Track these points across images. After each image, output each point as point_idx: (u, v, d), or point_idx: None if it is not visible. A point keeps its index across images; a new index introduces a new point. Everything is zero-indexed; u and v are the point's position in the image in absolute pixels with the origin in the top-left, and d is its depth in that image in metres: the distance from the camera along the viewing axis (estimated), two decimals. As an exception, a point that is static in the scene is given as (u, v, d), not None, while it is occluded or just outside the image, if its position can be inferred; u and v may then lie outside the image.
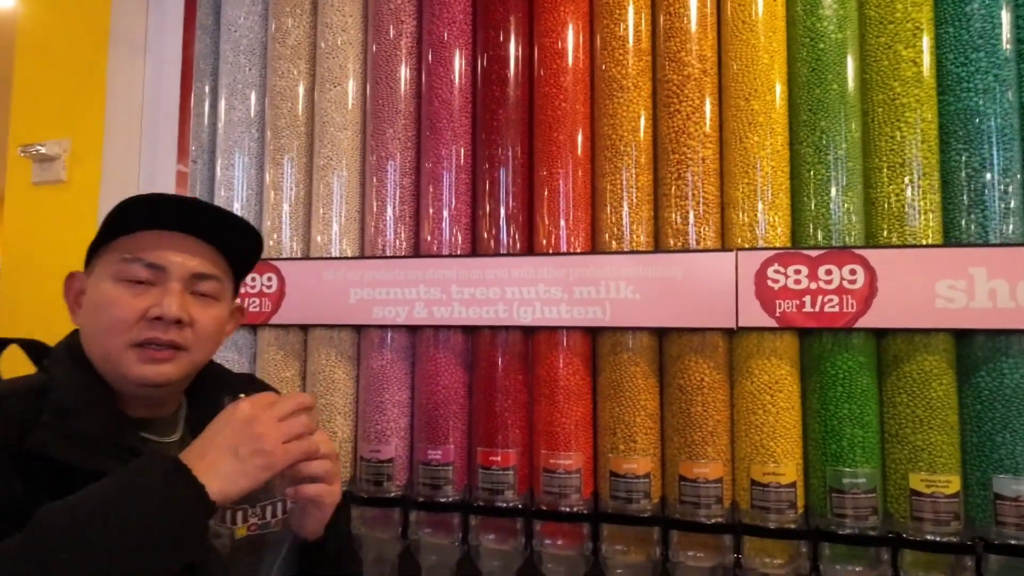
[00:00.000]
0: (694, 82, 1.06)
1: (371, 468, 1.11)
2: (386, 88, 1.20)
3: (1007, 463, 0.91)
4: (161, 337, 0.67)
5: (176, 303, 0.68)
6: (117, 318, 0.67)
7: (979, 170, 0.96)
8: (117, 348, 0.67)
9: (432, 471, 1.09)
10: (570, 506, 1.04)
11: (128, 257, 0.68)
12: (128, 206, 0.69)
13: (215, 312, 0.73)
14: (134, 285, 0.68)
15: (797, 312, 0.97)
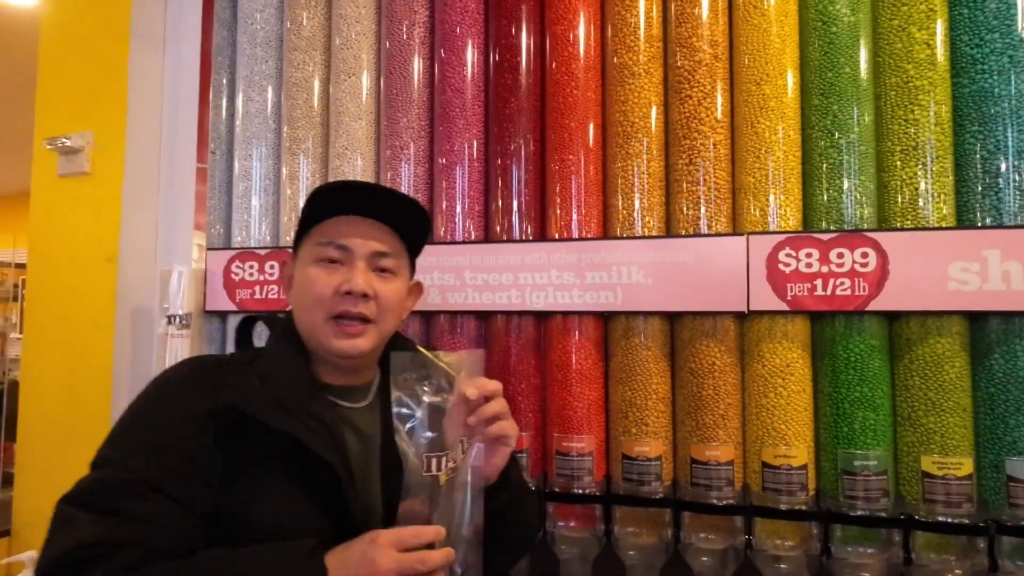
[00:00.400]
0: (705, 68, 1.06)
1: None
2: (400, 79, 1.22)
3: (1020, 445, 0.91)
4: (352, 310, 0.77)
5: (361, 278, 0.77)
6: (316, 293, 0.77)
7: (993, 153, 0.95)
8: (318, 321, 0.77)
9: (447, 454, 1.11)
10: (583, 488, 1.06)
11: (322, 241, 0.79)
12: (317, 195, 0.81)
13: (395, 286, 0.81)
14: (328, 265, 0.78)
15: (808, 296, 0.97)
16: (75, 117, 1.40)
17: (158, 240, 1.40)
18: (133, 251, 1.37)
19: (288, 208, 1.26)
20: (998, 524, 0.90)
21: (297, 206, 1.26)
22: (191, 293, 1.27)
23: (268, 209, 1.30)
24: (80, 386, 1.36)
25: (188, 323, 1.26)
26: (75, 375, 1.37)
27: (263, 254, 1.24)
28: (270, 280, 1.22)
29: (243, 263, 1.25)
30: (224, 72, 1.37)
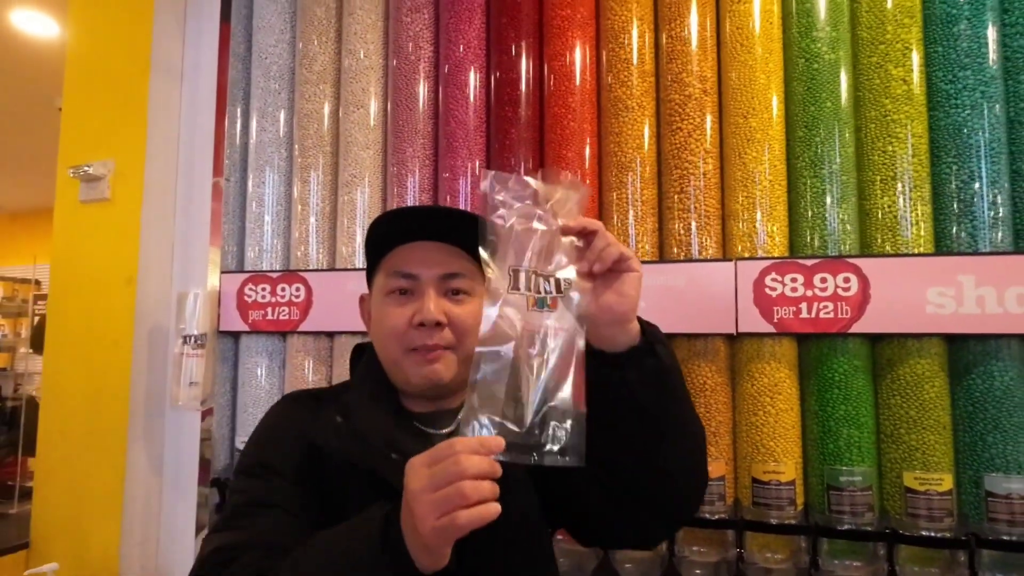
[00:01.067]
0: (695, 101, 1.12)
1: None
2: (405, 110, 1.29)
3: (998, 462, 0.95)
4: (428, 343, 0.74)
5: (432, 306, 0.74)
6: (391, 328, 0.76)
7: (968, 182, 1.01)
8: (397, 354, 0.76)
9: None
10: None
11: (390, 273, 0.78)
12: (376, 228, 0.79)
13: (470, 307, 0.77)
14: (399, 296, 0.76)
15: (794, 318, 1.02)
16: (97, 146, 1.47)
17: (175, 263, 1.46)
18: (151, 273, 1.43)
19: (298, 234, 1.32)
20: (978, 538, 0.94)
21: (307, 231, 1.32)
22: (206, 314, 1.33)
23: (279, 234, 1.36)
24: (99, 402, 1.42)
25: (203, 343, 1.32)
26: (94, 392, 1.43)
27: (274, 277, 1.30)
28: (280, 302, 1.28)
29: (255, 286, 1.31)
30: (239, 103, 1.44)
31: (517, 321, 0.58)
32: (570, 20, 1.20)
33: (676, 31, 1.14)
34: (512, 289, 0.58)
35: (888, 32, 1.05)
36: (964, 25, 1.02)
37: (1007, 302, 0.95)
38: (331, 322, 1.25)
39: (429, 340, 0.74)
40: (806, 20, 1.09)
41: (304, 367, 1.28)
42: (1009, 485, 0.94)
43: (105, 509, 1.39)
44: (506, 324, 0.58)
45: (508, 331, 0.57)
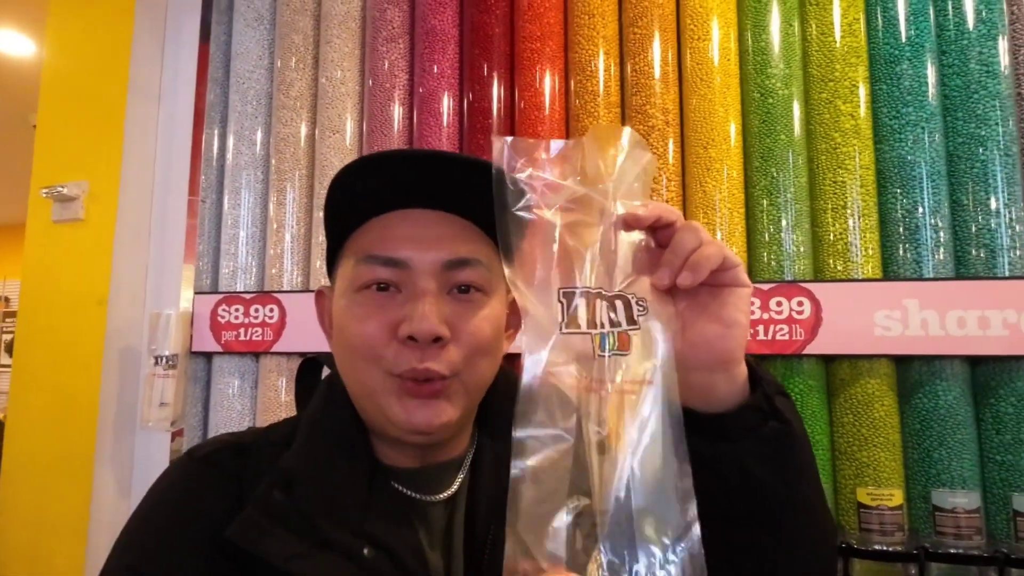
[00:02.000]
0: (658, 132, 1.17)
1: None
2: (380, 135, 1.32)
3: (944, 477, 1.00)
4: (418, 367, 0.48)
5: (431, 312, 0.48)
6: (362, 341, 0.49)
7: (912, 211, 1.07)
8: (371, 380, 0.50)
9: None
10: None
11: (362, 256, 0.51)
12: (344, 183, 0.51)
13: (486, 312, 0.51)
14: (376, 293, 0.50)
15: (752, 340, 1.06)
16: (72, 166, 1.48)
17: (148, 284, 1.46)
18: (123, 294, 1.43)
19: (273, 255, 1.34)
20: (927, 551, 0.98)
21: (283, 251, 1.34)
22: (178, 335, 1.33)
23: (254, 254, 1.37)
24: (66, 425, 1.40)
25: (175, 363, 1.32)
26: (62, 414, 1.41)
27: (248, 298, 1.31)
28: (254, 323, 1.29)
29: (229, 306, 1.31)
30: (216, 126, 1.46)
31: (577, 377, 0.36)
32: (540, 53, 1.25)
33: (640, 64, 1.20)
34: (568, 327, 0.36)
35: (837, 70, 1.12)
36: (906, 65, 1.09)
37: (948, 325, 1.00)
38: (304, 343, 1.27)
39: (420, 363, 0.48)
40: (761, 57, 1.15)
41: (277, 387, 1.29)
42: (955, 499, 0.99)
43: (70, 533, 1.37)
44: (562, 384, 0.36)
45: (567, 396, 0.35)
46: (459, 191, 0.50)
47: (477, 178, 0.46)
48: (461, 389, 0.50)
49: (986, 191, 1.04)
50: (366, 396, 0.51)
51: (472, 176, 0.48)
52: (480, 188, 0.44)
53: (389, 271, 0.50)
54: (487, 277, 0.52)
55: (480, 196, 0.45)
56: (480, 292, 0.51)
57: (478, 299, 0.51)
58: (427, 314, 0.48)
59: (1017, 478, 0.97)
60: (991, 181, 1.04)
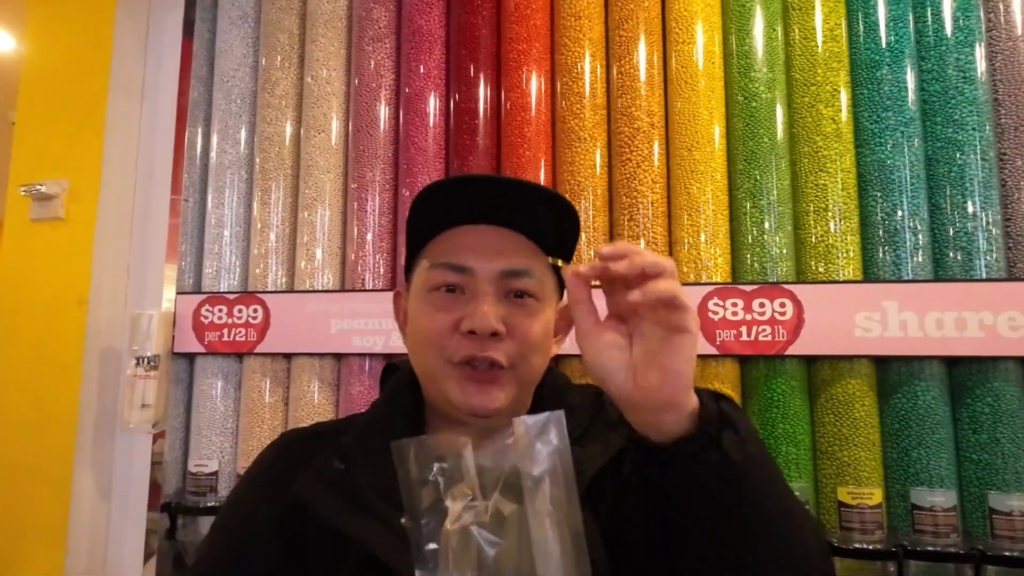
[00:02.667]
0: (643, 134, 1.18)
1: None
2: (366, 136, 1.31)
3: (922, 476, 1.01)
4: (477, 355, 0.57)
5: (490, 311, 0.57)
6: (430, 332, 0.59)
7: (892, 214, 1.08)
8: (436, 367, 0.59)
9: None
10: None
11: (435, 263, 0.60)
12: (423, 200, 0.61)
13: (539, 317, 0.60)
14: (444, 294, 0.59)
15: (735, 341, 1.08)
16: (52, 163, 1.45)
17: (129, 284, 1.44)
18: (104, 294, 1.41)
19: (258, 251, 1.33)
20: (905, 548, 0.99)
21: (267, 250, 1.33)
22: (160, 335, 1.32)
23: (238, 253, 1.36)
24: (46, 426, 1.38)
25: (156, 364, 1.31)
26: (41, 416, 1.39)
27: (232, 298, 1.30)
28: (237, 323, 1.28)
29: (212, 307, 1.30)
30: (199, 124, 1.44)
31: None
32: (526, 54, 1.25)
33: (626, 67, 1.20)
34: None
35: (819, 75, 1.13)
36: (886, 70, 1.11)
37: (927, 326, 1.02)
38: (289, 344, 1.26)
39: (480, 352, 0.57)
40: (745, 61, 1.16)
41: (261, 388, 1.28)
42: (932, 498, 1.00)
43: (49, 536, 1.34)
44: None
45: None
46: (523, 213, 0.60)
47: (541, 205, 0.59)
48: (514, 379, 0.59)
49: (963, 195, 1.06)
50: (431, 380, 0.61)
51: (532, 198, 0.59)
52: (532, 208, 0.59)
53: (456, 276, 0.60)
54: (540, 287, 0.61)
55: (533, 215, 0.59)
56: (533, 299, 0.60)
57: (531, 304, 0.60)
58: (486, 313, 0.57)
59: (992, 476, 0.99)
60: (968, 185, 1.06)
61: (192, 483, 1.26)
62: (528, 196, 0.60)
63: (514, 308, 0.59)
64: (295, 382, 1.27)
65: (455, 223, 0.62)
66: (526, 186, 0.60)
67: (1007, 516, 0.97)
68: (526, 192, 0.60)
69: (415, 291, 0.63)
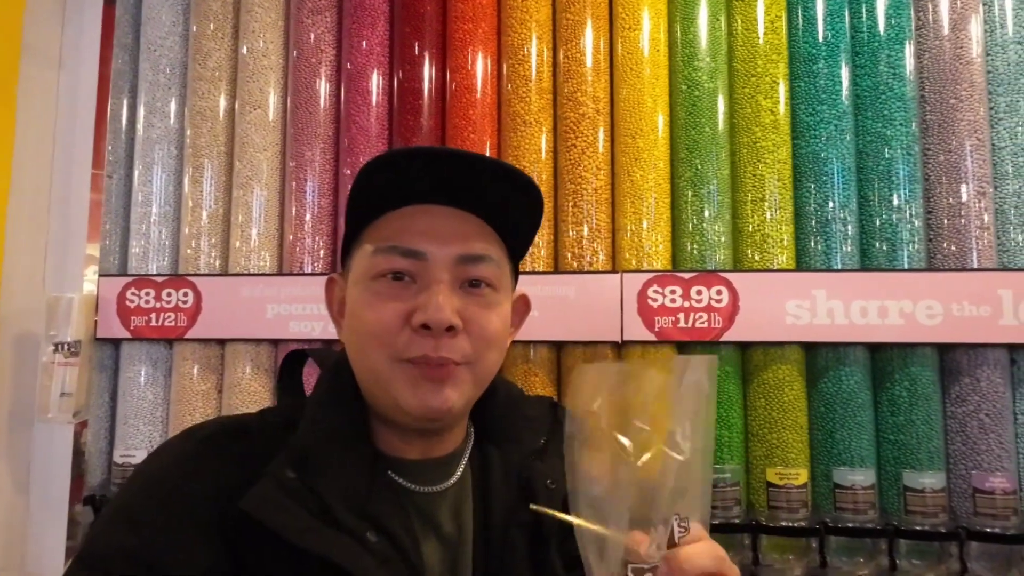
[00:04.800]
0: (588, 120, 1.18)
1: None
2: (305, 113, 1.26)
3: (845, 457, 1.06)
4: (432, 355, 0.51)
5: (446, 303, 0.51)
6: (375, 326, 0.52)
7: (823, 206, 1.12)
8: (382, 365, 0.53)
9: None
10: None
11: (382, 247, 0.53)
12: (367, 175, 0.54)
13: (497, 309, 0.55)
14: (392, 282, 0.53)
15: (673, 327, 1.09)
16: (-44, 134, 1.34)
17: (47, 265, 1.35)
18: (18, 277, 1.32)
19: (188, 235, 1.27)
20: (827, 526, 1.04)
21: (199, 231, 1.27)
22: (81, 320, 1.24)
23: (168, 234, 1.29)
24: (-48, 417, 1.29)
25: (77, 351, 1.23)
26: (-53, 406, 1.29)
27: (160, 281, 1.23)
28: (167, 308, 1.22)
29: (139, 290, 1.23)
30: (124, 96, 1.35)
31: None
32: (472, 34, 1.22)
33: (572, 51, 1.19)
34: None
35: (759, 66, 1.15)
36: (822, 64, 1.14)
37: (852, 314, 1.06)
38: (222, 329, 1.21)
39: (434, 353, 0.51)
40: (689, 50, 1.17)
41: (192, 375, 1.23)
42: (853, 477, 1.05)
43: (-41, 534, 1.26)
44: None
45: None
46: (477, 191, 0.54)
47: (496, 182, 0.53)
48: (469, 378, 0.54)
49: (890, 188, 1.10)
50: (376, 382, 0.54)
51: (492, 179, 0.54)
52: (497, 190, 0.53)
53: (406, 262, 0.53)
54: (497, 274, 0.56)
55: (496, 197, 0.53)
56: (490, 288, 0.55)
57: (488, 294, 0.55)
58: (442, 305, 0.51)
59: (907, 456, 1.05)
60: (894, 179, 1.10)
61: (118, 474, 1.20)
62: (488, 173, 0.54)
63: (470, 299, 0.54)
64: (229, 369, 1.22)
65: (403, 202, 0.54)
66: (486, 162, 0.55)
67: (919, 493, 1.03)
68: (486, 169, 0.54)
69: (356, 278, 0.56)
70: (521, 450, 0.60)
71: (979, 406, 1.04)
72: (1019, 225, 1.07)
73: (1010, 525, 1.01)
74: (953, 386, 1.07)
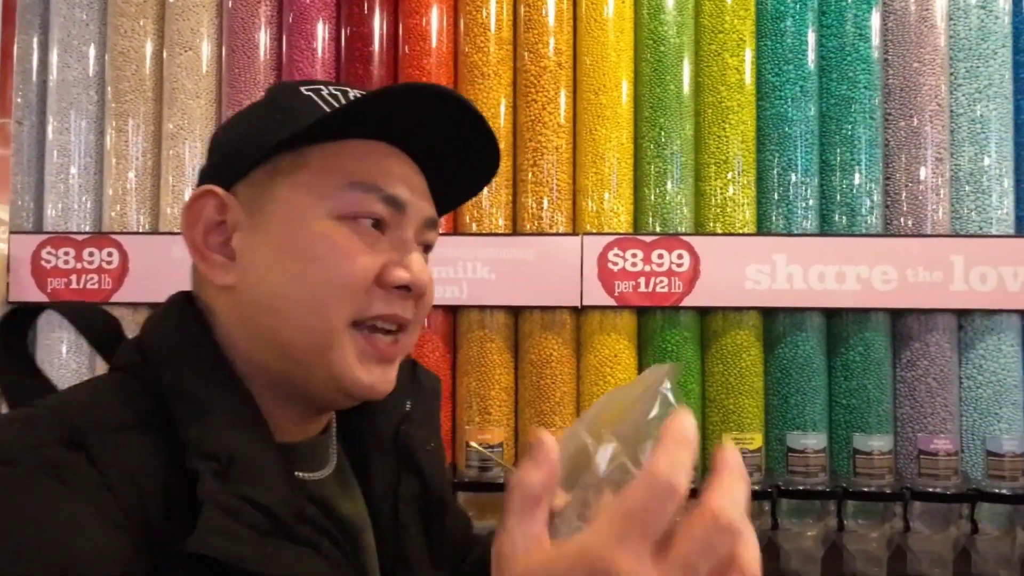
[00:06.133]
0: (550, 74, 1.11)
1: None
2: (243, 57, 1.15)
3: (798, 421, 1.07)
4: (400, 314, 0.45)
5: (422, 263, 0.46)
6: (349, 278, 0.43)
7: (786, 170, 1.10)
8: (336, 325, 0.43)
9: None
10: (429, 477, 1.08)
11: (360, 182, 0.45)
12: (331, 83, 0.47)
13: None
14: (372, 229, 0.45)
15: (633, 292, 1.07)
16: None
17: (-52, 220, 1.21)
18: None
19: (113, 191, 1.15)
20: (779, 489, 1.05)
21: (126, 186, 1.16)
22: (-9, 282, 1.12)
23: (89, 190, 1.18)
24: None
25: (-13, 316, 1.12)
26: None
27: (80, 240, 1.12)
28: (89, 269, 1.11)
29: (56, 249, 1.12)
30: (35, 31, 1.21)
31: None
32: (426, -24, 1.13)
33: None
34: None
35: (726, 22, 1.11)
36: (790, 22, 1.11)
37: (811, 279, 1.05)
38: (151, 292, 1.11)
39: (402, 312, 0.46)
40: (655, 2, 1.12)
41: (121, 343, 1.13)
42: (806, 441, 1.06)
43: None
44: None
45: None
46: (455, 147, 0.49)
47: (485, 152, 0.49)
48: (401, 352, 0.48)
49: (851, 153, 1.09)
50: (309, 347, 0.44)
51: (485, 145, 0.49)
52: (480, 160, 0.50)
53: (387, 209, 0.46)
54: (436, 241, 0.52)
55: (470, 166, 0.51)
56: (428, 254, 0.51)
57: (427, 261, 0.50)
58: (424, 267, 0.47)
59: (858, 420, 1.06)
60: (856, 144, 1.09)
61: (38, 449, 1.11)
62: (484, 137, 0.48)
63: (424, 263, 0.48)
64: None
65: (368, 133, 0.46)
66: (484, 125, 0.48)
67: (867, 455, 1.05)
68: (484, 132, 0.48)
69: (302, 211, 0.45)
70: (388, 418, 0.53)
71: (927, 371, 1.06)
72: (973, 192, 1.08)
73: (950, 485, 1.04)
74: (903, 351, 1.08)
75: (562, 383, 1.09)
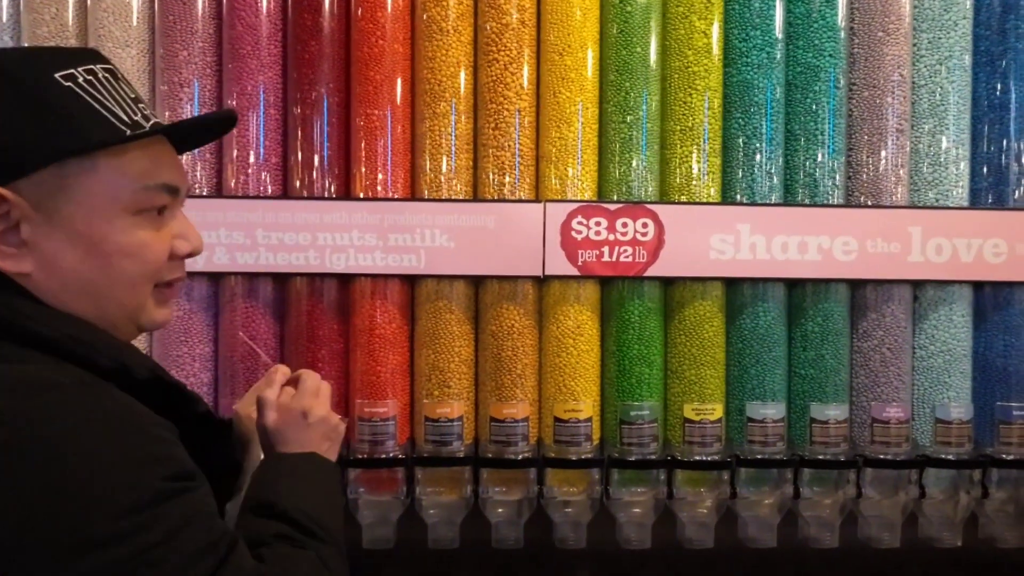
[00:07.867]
0: (512, 32, 1.06)
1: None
2: (179, 4, 1.06)
3: (758, 391, 1.07)
4: (183, 276, 0.62)
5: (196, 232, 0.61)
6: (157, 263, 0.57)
7: (751, 138, 1.08)
8: (146, 290, 0.58)
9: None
10: (386, 452, 1.05)
11: (151, 184, 0.56)
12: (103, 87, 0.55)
13: None
14: (157, 217, 0.57)
15: (597, 262, 1.04)
16: None
17: None
18: None
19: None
20: (739, 458, 1.06)
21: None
22: None
23: None
24: None
25: None
26: None
27: None
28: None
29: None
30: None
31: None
32: (380, -80, 1.06)
33: (496, -49, 1.06)
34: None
35: (695, -18, 1.07)
36: (758, -16, 1.08)
37: (774, 249, 1.05)
38: (80, 260, 1.02)
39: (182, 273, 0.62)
40: (623, -42, 1.07)
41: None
42: (765, 411, 1.07)
43: None
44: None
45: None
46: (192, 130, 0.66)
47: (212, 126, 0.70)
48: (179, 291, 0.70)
49: (815, 122, 1.08)
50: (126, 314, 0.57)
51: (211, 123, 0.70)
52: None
53: (168, 197, 0.58)
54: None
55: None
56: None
57: None
58: (196, 230, 0.61)
59: (815, 390, 1.07)
60: (820, 112, 1.08)
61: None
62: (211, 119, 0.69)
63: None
64: None
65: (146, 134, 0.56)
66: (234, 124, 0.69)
67: (823, 424, 1.06)
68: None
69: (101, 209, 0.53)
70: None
71: (883, 340, 1.08)
72: (931, 163, 1.09)
73: (901, 452, 1.06)
74: (860, 322, 1.09)
75: (524, 355, 1.07)
